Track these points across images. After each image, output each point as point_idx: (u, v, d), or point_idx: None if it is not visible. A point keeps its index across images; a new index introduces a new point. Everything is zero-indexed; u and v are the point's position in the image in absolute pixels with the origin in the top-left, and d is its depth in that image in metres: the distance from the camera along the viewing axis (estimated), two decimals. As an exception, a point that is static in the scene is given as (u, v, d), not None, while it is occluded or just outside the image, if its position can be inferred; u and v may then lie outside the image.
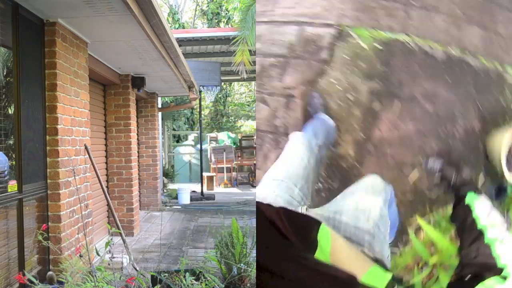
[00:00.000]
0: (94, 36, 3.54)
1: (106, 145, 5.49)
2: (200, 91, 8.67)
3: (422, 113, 2.44)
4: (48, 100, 3.00)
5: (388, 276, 0.91)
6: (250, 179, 11.22)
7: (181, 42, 7.82)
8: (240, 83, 19.03)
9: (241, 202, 8.17)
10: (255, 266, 3.09)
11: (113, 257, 2.36)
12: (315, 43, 2.69)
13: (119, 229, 3.76)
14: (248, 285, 3.22)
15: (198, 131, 11.25)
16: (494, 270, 0.91)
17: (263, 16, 2.83)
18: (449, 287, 0.97)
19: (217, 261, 3.24)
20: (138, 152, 6.67)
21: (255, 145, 11.64)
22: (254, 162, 10.76)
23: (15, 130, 2.69)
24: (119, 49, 4.06)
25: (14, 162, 2.70)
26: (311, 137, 1.97)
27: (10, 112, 2.73)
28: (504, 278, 0.88)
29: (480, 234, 1.06)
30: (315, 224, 0.97)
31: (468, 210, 1.19)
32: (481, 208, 1.17)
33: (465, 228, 1.14)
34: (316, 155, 1.74)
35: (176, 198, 8.32)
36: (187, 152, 12.38)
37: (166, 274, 2.85)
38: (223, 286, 2.75)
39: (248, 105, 19.70)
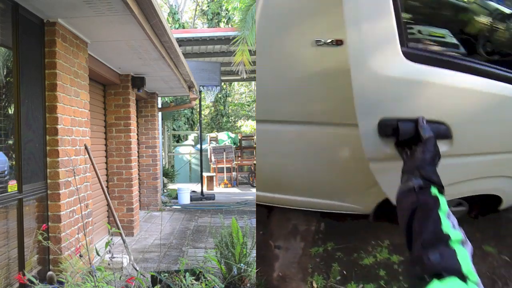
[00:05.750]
0: (94, 36, 3.54)
1: (106, 145, 5.49)
2: (200, 91, 8.67)
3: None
4: (48, 100, 3.00)
5: None
6: (250, 179, 11.22)
7: (181, 42, 7.82)
8: (240, 83, 19.04)
9: (241, 202, 8.17)
10: (255, 266, 3.09)
11: (113, 257, 2.36)
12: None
13: (119, 229, 3.76)
14: (248, 285, 3.22)
15: (198, 131, 11.25)
16: (457, 273, 0.94)
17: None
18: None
19: (217, 261, 3.24)
20: (138, 152, 6.68)
21: (255, 145, 11.63)
22: (254, 162, 10.76)
23: (15, 130, 2.68)
24: (119, 49, 4.06)
25: (14, 162, 2.70)
26: None
27: (10, 112, 2.73)
28: (465, 279, 0.93)
29: (446, 237, 1.03)
30: None
31: (433, 209, 1.12)
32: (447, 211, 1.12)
33: (426, 227, 1.08)
34: None
35: (176, 198, 8.32)
36: (187, 152, 12.38)
37: (166, 274, 2.85)
38: (223, 286, 2.75)
39: (248, 105, 19.71)
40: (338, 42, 1.60)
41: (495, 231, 2.68)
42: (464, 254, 0.99)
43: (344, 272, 2.96)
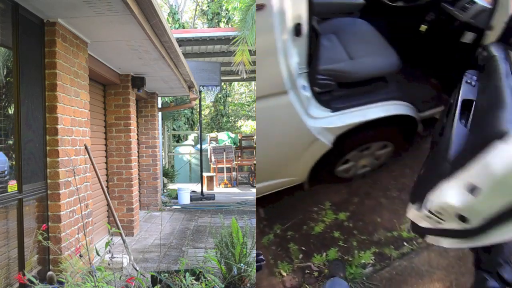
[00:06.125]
0: (94, 36, 3.54)
1: (106, 145, 5.49)
2: (200, 91, 8.67)
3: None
4: (48, 100, 2.99)
5: None
6: (250, 179, 11.21)
7: (181, 42, 7.81)
8: (240, 83, 19.02)
9: (241, 202, 8.17)
10: (255, 266, 3.09)
11: (113, 257, 2.36)
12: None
13: (119, 229, 3.76)
14: (248, 285, 3.22)
15: (198, 131, 11.24)
16: None
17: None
18: None
19: (217, 261, 3.24)
20: (138, 152, 6.67)
21: (255, 145, 11.63)
22: (254, 162, 10.76)
23: (15, 130, 2.68)
24: (119, 49, 4.06)
25: (14, 162, 2.70)
26: None
27: (10, 112, 2.73)
28: None
29: None
30: None
31: None
32: None
33: None
34: None
35: (176, 198, 8.31)
36: (187, 152, 12.37)
37: (166, 274, 2.85)
38: (223, 286, 2.75)
39: (248, 105, 19.70)
40: (259, 6, 1.44)
41: (419, 161, 2.76)
42: None
43: (303, 248, 2.96)
